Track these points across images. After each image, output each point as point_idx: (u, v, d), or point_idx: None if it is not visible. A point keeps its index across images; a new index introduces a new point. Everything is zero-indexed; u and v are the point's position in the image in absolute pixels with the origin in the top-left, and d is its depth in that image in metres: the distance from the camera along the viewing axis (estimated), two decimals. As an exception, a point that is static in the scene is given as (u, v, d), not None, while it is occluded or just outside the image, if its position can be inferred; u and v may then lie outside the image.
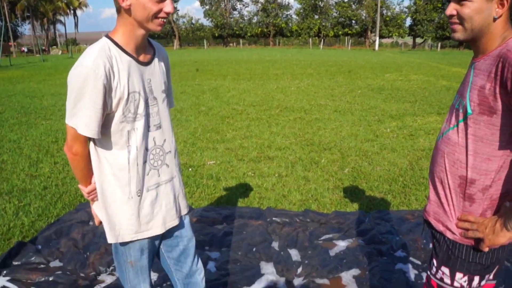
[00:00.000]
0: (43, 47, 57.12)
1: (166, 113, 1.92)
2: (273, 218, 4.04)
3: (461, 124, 1.66)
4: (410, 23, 65.92)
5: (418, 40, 67.76)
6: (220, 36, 71.69)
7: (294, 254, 3.44)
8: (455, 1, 1.58)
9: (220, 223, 3.98)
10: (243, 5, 75.26)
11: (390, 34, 66.32)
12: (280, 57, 34.27)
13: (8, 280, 3.10)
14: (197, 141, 7.01)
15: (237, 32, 70.97)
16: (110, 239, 1.84)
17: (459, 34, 1.62)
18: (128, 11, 1.65)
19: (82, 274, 3.20)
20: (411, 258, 3.37)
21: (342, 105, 10.56)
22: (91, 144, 1.78)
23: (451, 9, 1.59)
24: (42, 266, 3.31)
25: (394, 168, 5.64)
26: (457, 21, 1.60)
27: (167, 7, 1.67)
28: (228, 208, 4.34)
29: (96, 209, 1.92)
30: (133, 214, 1.81)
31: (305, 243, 3.59)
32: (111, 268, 3.26)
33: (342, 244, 3.58)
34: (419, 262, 3.31)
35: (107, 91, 1.62)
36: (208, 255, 3.43)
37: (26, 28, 66.05)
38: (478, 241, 1.63)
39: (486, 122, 1.57)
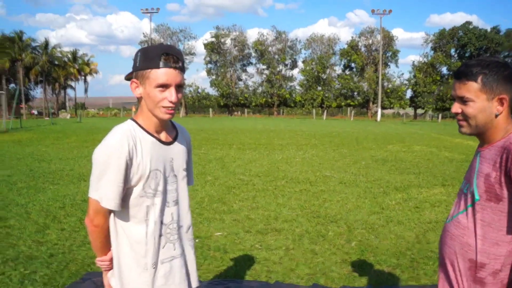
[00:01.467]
0: (53, 110, 58.39)
1: (185, 190, 2.03)
2: (282, 293, 4.00)
3: (470, 209, 1.74)
4: (410, 95, 67.49)
5: (419, 111, 69.08)
6: (225, 105, 73.33)
7: (304, 331, 3.38)
8: (459, 101, 1.73)
9: (228, 298, 3.94)
10: (248, 76, 77.28)
11: (392, 105, 67.73)
12: (284, 127, 34.84)
13: None
14: (204, 211, 7.04)
15: (242, 102, 72.66)
16: None
17: (465, 129, 1.76)
18: (142, 99, 1.82)
19: None
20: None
21: (347, 176, 10.64)
22: (111, 216, 1.87)
23: (457, 107, 1.74)
24: None
25: (401, 242, 5.62)
26: (462, 118, 1.74)
27: (171, 96, 1.78)
28: (236, 281, 4.31)
29: (110, 279, 1.98)
30: (148, 285, 1.86)
31: (315, 320, 3.54)
32: None
33: (352, 322, 3.53)
34: None
35: (129, 167, 1.74)
36: (217, 331, 3.38)
37: (38, 92, 67.82)
38: None
39: (493, 208, 1.66)
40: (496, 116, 1.70)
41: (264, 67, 73.66)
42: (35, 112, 62.83)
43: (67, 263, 4.76)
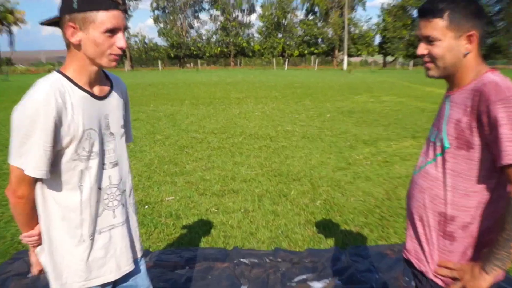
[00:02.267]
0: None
1: (124, 149, 1.94)
2: (241, 259, 3.99)
3: (439, 158, 1.75)
4: (379, 41, 68.00)
5: (389, 58, 69.88)
6: (176, 57, 71.85)
7: (265, 299, 3.40)
8: (425, 41, 1.71)
9: (182, 268, 3.89)
10: (201, 24, 76.03)
11: (359, 53, 68.15)
12: (242, 78, 34.61)
13: None
14: (154, 174, 6.92)
15: (194, 52, 71.33)
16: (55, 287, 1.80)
17: (433, 72, 1.75)
18: (78, 46, 1.67)
19: (23, 334, 3.06)
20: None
21: (311, 130, 10.70)
22: (38, 185, 1.76)
23: (422, 49, 1.73)
24: (-24, 325, 3.16)
25: (369, 199, 5.71)
26: (429, 59, 1.73)
27: (120, 41, 1.69)
28: (190, 249, 4.27)
29: (39, 255, 1.89)
30: (83, 259, 1.79)
31: (277, 286, 3.56)
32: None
33: (317, 286, 3.57)
34: (401, 303, 3.33)
35: (59, 128, 1.62)
36: (169, 304, 3.35)
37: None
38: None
39: (464, 157, 1.67)
40: (465, 55, 1.69)
41: (218, 13, 72.30)
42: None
43: (-5, 242, 4.60)
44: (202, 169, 7.20)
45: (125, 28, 1.73)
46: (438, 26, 1.67)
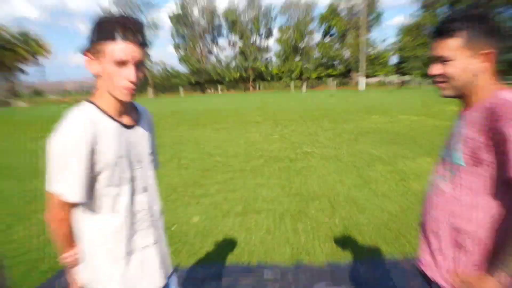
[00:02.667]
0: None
1: (152, 175, 2.08)
2: (264, 275, 4.22)
3: (453, 176, 1.83)
4: (397, 61, 67.85)
5: (406, 77, 69.66)
6: (197, 83, 72.76)
7: (288, 309, 3.62)
8: (439, 61, 1.76)
9: (208, 281, 4.14)
10: (220, 49, 76.84)
11: (376, 73, 68.13)
12: (261, 102, 34.92)
13: None
14: (179, 196, 7.21)
15: (214, 78, 72.16)
16: None
17: (448, 92, 1.80)
18: (100, 77, 1.77)
19: None
20: (407, 307, 3.58)
21: (329, 151, 10.90)
22: (74, 210, 1.88)
23: (436, 68, 1.77)
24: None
25: (385, 215, 5.89)
26: (442, 80, 1.78)
27: (129, 75, 1.73)
28: (217, 265, 4.52)
29: (77, 274, 2.01)
30: (120, 277, 1.91)
31: (298, 297, 3.78)
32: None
33: (336, 296, 3.78)
34: (414, 310, 3.52)
35: (93, 156, 1.73)
36: (199, 315, 3.59)
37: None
38: None
39: (477, 174, 1.74)
40: (481, 74, 1.73)
41: (237, 38, 73.24)
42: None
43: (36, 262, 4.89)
44: (225, 191, 7.46)
45: (140, 62, 1.74)
46: (452, 46, 1.69)
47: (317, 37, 73.13)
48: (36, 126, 21.45)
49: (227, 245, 5.11)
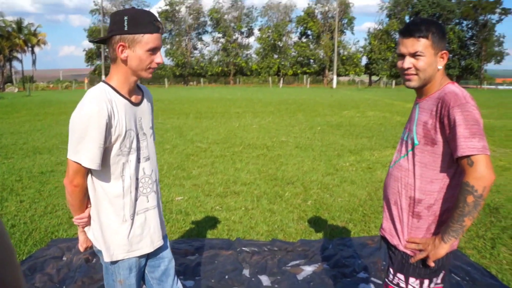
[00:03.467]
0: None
1: (153, 146, 2.20)
2: (243, 248, 4.27)
3: (410, 153, 2.02)
4: (366, 62, 68.60)
5: (374, 77, 70.47)
6: (180, 75, 72.24)
7: (265, 280, 3.67)
8: (411, 56, 1.94)
9: (192, 254, 4.17)
10: (204, 45, 76.16)
11: (347, 73, 68.69)
12: (240, 95, 34.91)
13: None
14: (164, 178, 7.20)
15: (197, 71, 71.74)
16: (106, 258, 2.05)
17: (414, 83, 1.98)
18: (125, 61, 1.93)
19: (60, 306, 3.32)
20: (372, 279, 3.68)
21: (303, 141, 11.00)
22: (89, 175, 2.01)
23: (409, 62, 1.94)
24: (18, 300, 3.40)
25: (354, 199, 6.00)
26: (413, 72, 1.95)
27: (158, 58, 1.96)
28: (199, 240, 4.55)
29: (88, 234, 2.14)
30: (126, 235, 2.04)
31: (274, 269, 3.84)
32: (89, 299, 3.40)
33: (308, 269, 3.85)
34: (380, 282, 3.61)
35: (108, 128, 1.87)
36: (183, 284, 3.62)
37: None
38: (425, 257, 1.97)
39: (430, 151, 1.94)
40: (438, 70, 1.95)
41: (220, 35, 72.83)
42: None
43: (30, 232, 4.85)
44: (207, 174, 7.48)
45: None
46: (424, 44, 1.89)
47: (294, 37, 73.00)
48: (26, 110, 21.09)
49: (208, 222, 5.14)
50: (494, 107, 21.92)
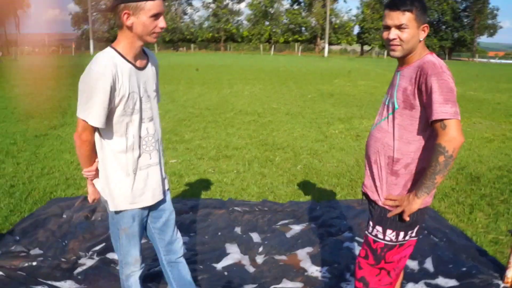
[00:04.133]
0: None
1: (156, 108, 2.36)
2: (235, 208, 4.49)
3: (390, 116, 2.22)
4: (358, 31, 68.24)
5: (366, 47, 70.23)
6: (170, 41, 71.40)
7: (255, 237, 3.91)
8: (396, 28, 2.10)
9: (186, 213, 4.39)
10: (194, 10, 75.56)
11: (339, 41, 68.38)
12: (232, 62, 34.78)
13: (-8, 266, 3.38)
14: (157, 142, 7.36)
15: (187, 37, 70.94)
16: (111, 208, 2.26)
17: (398, 53, 2.15)
18: (130, 28, 2.07)
19: (63, 259, 3.52)
20: (356, 238, 3.92)
21: (294, 109, 11.17)
22: (96, 133, 2.18)
23: (394, 34, 2.11)
24: (23, 254, 3.60)
25: (342, 165, 6.23)
26: (397, 43, 2.13)
27: (161, 23, 2.10)
28: (193, 200, 4.76)
29: (96, 185, 2.33)
30: (129, 188, 2.23)
31: (264, 228, 4.07)
32: (91, 252, 3.61)
33: (297, 228, 4.09)
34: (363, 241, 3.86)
35: (112, 90, 2.03)
36: (178, 239, 3.84)
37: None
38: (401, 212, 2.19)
39: (408, 115, 2.13)
40: (419, 41, 2.13)
41: (210, 0, 71.82)
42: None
43: (29, 192, 5.02)
44: (199, 138, 7.66)
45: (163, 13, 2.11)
46: (409, 17, 2.04)
47: (286, 4, 72.37)
48: (14, 75, 20.91)
49: (202, 184, 5.35)
50: (484, 81, 22.15)
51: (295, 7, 71.13)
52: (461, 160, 6.55)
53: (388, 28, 2.14)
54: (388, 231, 2.26)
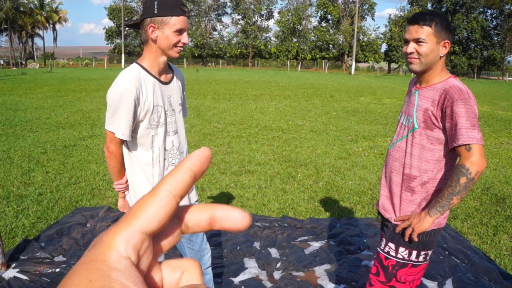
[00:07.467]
0: (21, 61, 56.81)
1: (182, 121, 2.44)
2: (255, 223, 4.51)
3: (409, 135, 2.23)
4: (385, 49, 67.91)
5: (393, 65, 69.78)
6: (199, 56, 72.42)
7: (274, 252, 3.91)
8: (414, 42, 2.14)
9: (207, 226, 4.42)
10: (223, 26, 76.24)
11: (366, 59, 68.13)
12: (258, 78, 35.01)
13: (18, 272, 3.48)
14: (182, 155, 7.45)
15: (216, 53, 71.84)
16: None
17: (416, 66, 2.17)
18: (155, 41, 2.16)
19: (85, 267, 3.59)
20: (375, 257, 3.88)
21: (318, 125, 11.17)
22: (124, 146, 2.28)
23: (412, 47, 2.15)
24: (47, 260, 3.70)
25: (364, 183, 6.19)
26: (416, 57, 2.15)
27: (184, 38, 2.19)
28: (214, 214, 4.79)
29: (127, 197, 2.41)
30: None
31: (283, 243, 4.07)
32: (111, 261, 3.68)
33: (315, 245, 4.08)
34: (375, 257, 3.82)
35: (137, 104, 2.12)
36: (197, 252, 3.88)
37: (2, 40, 65.06)
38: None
39: (428, 135, 2.15)
40: (440, 58, 2.15)
41: (240, 17, 72.70)
42: (1, 61, 60.79)
43: (56, 201, 5.15)
44: (223, 153, 7.73)
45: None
46: (427, 32, 2.08)
47: (314, 21, 72.58)
48: (48, 86, 21.51)
49: (223, 198, 5.39)
50: (513, 99, 21.72)
51: (323, 24, 71.34)
52: (486, 180, 6.43)
53: (407, 42, 2.18)
54: (401, 249, 2.26)
